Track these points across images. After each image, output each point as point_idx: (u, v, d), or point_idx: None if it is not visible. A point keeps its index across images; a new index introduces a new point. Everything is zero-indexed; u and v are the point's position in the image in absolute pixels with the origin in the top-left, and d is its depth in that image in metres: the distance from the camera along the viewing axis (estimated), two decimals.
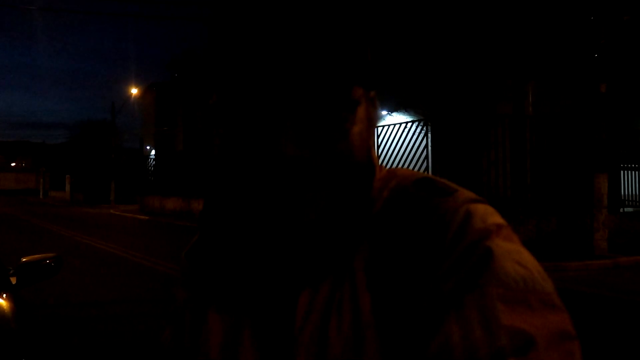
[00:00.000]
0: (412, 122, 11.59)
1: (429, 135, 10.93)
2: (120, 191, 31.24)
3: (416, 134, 11.08)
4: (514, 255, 0.45)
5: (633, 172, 11.84)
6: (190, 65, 26.09)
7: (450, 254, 0.45)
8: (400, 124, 11.71)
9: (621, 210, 11.15)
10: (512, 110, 10.97)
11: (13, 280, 2.03)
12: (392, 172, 0.55)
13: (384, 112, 17.00)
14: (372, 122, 0.53)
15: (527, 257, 0.45)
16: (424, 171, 10.79)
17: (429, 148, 10.91)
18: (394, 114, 16.20)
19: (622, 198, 11.54)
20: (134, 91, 32.22)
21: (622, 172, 11.60)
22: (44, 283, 2.14)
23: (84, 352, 4.08)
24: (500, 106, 10.88)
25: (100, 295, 6.25)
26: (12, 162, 74.15)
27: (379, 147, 12.25)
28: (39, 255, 1.88)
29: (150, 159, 25.86)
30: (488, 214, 0.48)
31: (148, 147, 34.34)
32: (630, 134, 11.95)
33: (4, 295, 1.94)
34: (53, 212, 25.27)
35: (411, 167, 11.17)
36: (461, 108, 11.13)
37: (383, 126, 12.48)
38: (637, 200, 11.83)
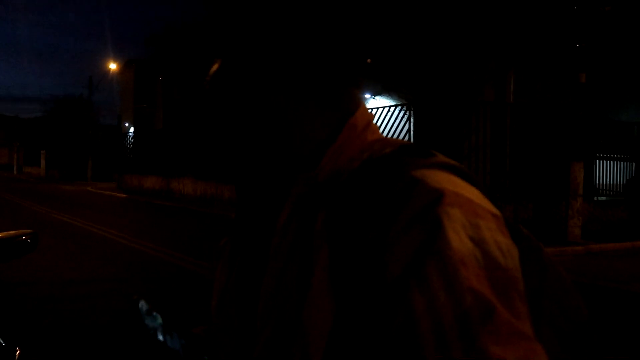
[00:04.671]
0: (395, 106, 11.61)
1: (412, 119, 10.96)
2: (97, 168, 30.72)
3: (399, 118, 11.11)
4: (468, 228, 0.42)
5: (608, 161, 12.10)
6: (170, 42, 25.52)
7: (399, 219, 0.43)
8: (384, 107, 11.71)
9: (595, 198, 11.42)
10: (494, 97, 11.06)
11: None
12: (378, 142, 0.53)
13: (367, 95, 16.98)
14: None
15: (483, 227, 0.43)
16: None
17: (411, 132, 10.96)
18: (377, 97, 16.20)
19: (597, 187, 11.81)
20: (113, 66, 31.47)
21: (597, 161, 11.85)
22: (17, 261, 2.09)
23: (56, 331, 4.03)
24: (482, 92, 10.95)
25: (75, 273, 6.16)
26: None
27: None
28: (14, 232, 1.83)
29: (129, 136, 25.41)
30: (446, 180, 0.45)
31: (127, 125, 33.71)
32: (606, 124, 12.18)
33: None
34: (28, 188, 24.71)
35: None
36: (444, 93, 11.17)
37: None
38: (611, 189, 12.12)
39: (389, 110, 11.47)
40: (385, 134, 11.37)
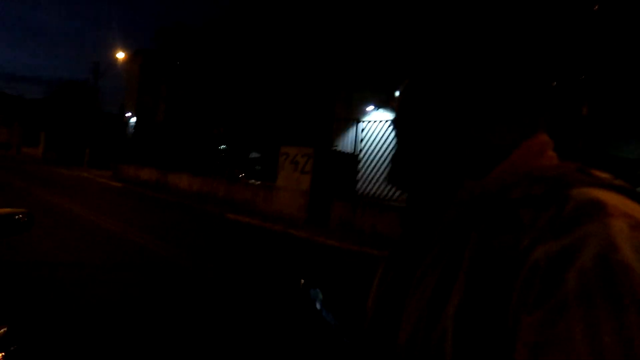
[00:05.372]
0: None
1: None
2: (94, 155, 30.67)
3: None
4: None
5: None
6: (180, 36, 25.61)
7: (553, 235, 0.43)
8: (386, 120, 11.77)
9: None
10: None
11: None
12: (551, 168, 0.53)
13: (370, 108, 17.05)
14: None
15: None
16: None
17: None
18: (380, 110, 16.25)
19: None
20: (120, 55, 31.52)
21: None
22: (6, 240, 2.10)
23: (48, 311, 4.03)
24: None
25: (66, 257, 6.16)
26: None
27: (361, 141, 12.30)
28: (9, 210, 1.85)
29: (130, 126, 25.41)
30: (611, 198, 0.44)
31: (128, 115, 33.68)
32: (606, 159, 12.24)
33: None
34: (25, 168, 24.63)
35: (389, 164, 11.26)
36: None
37: (368, 121, 12.53)
38: None
39: (389, 124, 11.51)
40: (384, 147, 11.45)
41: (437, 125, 0.59)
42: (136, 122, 29.11)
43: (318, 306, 0.80)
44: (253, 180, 16.33)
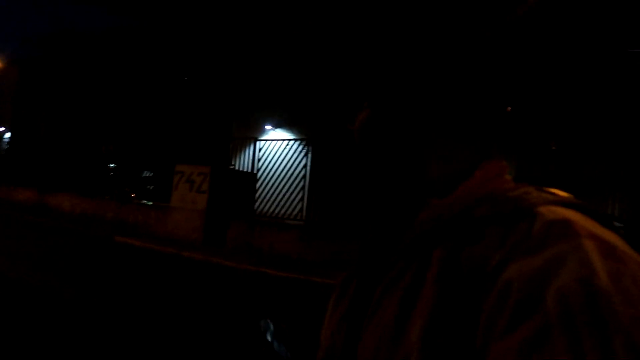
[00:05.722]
0: (295, 140, 11.85)
1: (310, 155, 11.24)
2: None
3: (297, 152, 11.33)
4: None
5: None
6: (66, 45, 23.79)
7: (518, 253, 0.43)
8: (283, 140, 11.90)
9: None
10: None
11: None
12: (509, 189, 0.53)
13: (268, 127, 17.13)
14: None
15: None
16: (300, 190, 11.10)
17: (308, 167, 11.21)
18: (278, 129, 16.39)
19: None
20: None
21: None
22: None
23: None
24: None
25: None
26: None
27: (259, 160, 12.29)
28: None
29: (3, 142, 22.94)
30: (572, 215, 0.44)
31: (1, 130, 30.42)
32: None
33: None
34: None
35: (288, 185, 11.38)
36: (339, 133, 11.62)
37: (265, 141, 12.57)
38: None
39: (287, 144, 11.66)
40: (282, 167, 11.55)
41: (402, 147, 0.59)
42: (11, 137, 26.37)
43: (269, 338, 0.74)
44: (145, 201, 15.51)
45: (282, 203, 11.46)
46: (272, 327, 0.81)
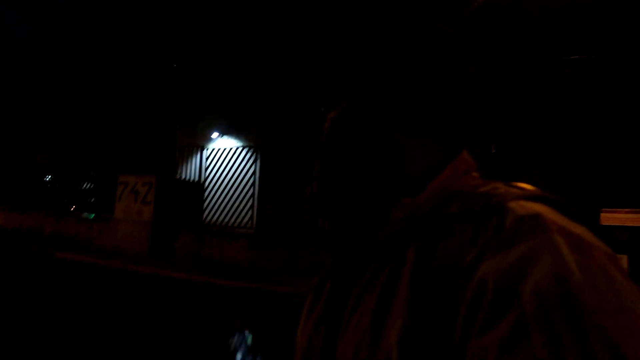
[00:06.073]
0: (243, 147, 11.75)
1: (258, 162, 11.18)
2: None
3: (245, 159, 11.25)
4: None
5: None
6: None
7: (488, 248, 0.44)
8: (231, 148, 11.77)
9: None
10: None
11: None
12: (477, 185, 0.54)
13: (215, 134, 16.87)
14: None
15: None
16: (249, 198, 11.01)
17: (257, 174, 11.15)
18: (225, 137, 16.20)
19: None
20: None
21: None
22: None
23: None
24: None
25: None
26: None
27: (207, 169, 12.09)
28: None
29: None
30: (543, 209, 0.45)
31: None
32: None
33: None
34: None
35: (237, 193, 11.27)
36: (288, 139, 11.66)
37: (213, 149, 12.39)
38: None
39: (235, 152, 11.55)
40: (230, 174, 11.41)
41: (375, 145, 0.60)
42: None
43: (240, 356, 0.72)
44: (87, 214, 14.84)
45: (231, 212, 11.32)
46: (249, 339, 0.80)
